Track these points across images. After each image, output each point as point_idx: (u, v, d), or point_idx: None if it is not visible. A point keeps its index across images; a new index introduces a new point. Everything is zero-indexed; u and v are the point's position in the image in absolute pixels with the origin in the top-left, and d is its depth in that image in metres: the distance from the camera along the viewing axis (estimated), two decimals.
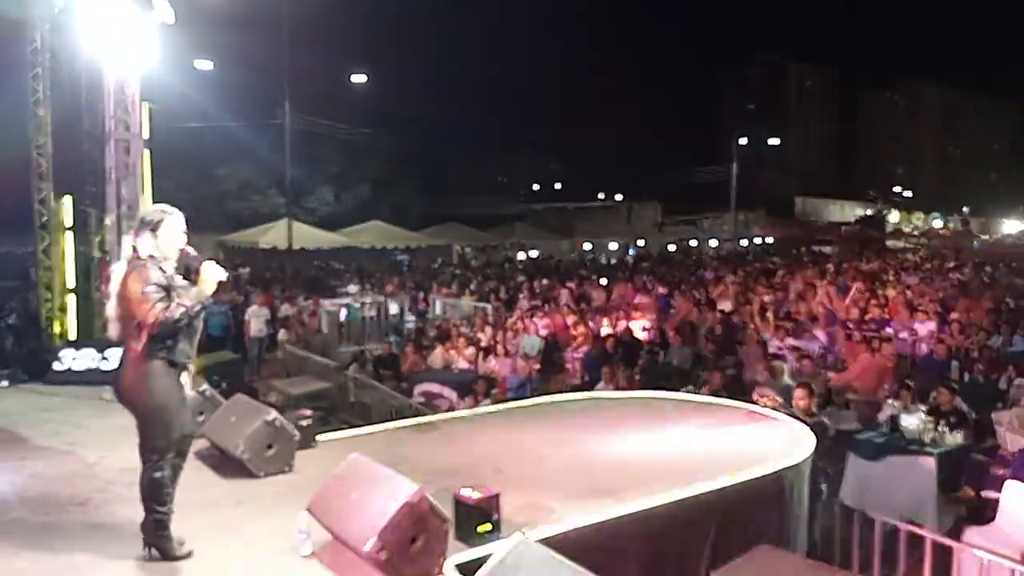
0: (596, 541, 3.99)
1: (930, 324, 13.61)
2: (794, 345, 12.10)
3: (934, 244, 53.73)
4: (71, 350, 8.47)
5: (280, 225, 25.21)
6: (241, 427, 5.02)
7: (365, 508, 3.58)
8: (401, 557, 3.44)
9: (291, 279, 21.18)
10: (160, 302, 3.61)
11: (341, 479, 3.92)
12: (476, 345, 12.71)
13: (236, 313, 14.81)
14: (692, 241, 46.31)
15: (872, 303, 16.10)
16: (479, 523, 3.84)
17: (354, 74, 30.81)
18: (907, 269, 28.29)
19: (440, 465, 5.21)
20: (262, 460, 4.93)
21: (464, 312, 16.93)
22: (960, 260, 33.77)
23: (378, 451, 5.32)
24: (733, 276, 22.28)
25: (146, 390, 3.69)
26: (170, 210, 3.85)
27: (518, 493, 4.53)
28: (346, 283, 20.65)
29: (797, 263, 30.65)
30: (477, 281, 21.74)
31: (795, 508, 5.05)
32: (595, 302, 18.54)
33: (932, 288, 19.93)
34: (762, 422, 6.37)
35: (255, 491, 4.75)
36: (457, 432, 6.10)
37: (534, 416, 6.74)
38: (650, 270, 27.12)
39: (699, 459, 5.27)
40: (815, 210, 69.47)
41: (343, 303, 17.02)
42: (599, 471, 5.03)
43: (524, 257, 34.76)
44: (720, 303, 16.83)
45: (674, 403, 7.17)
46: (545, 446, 5.68)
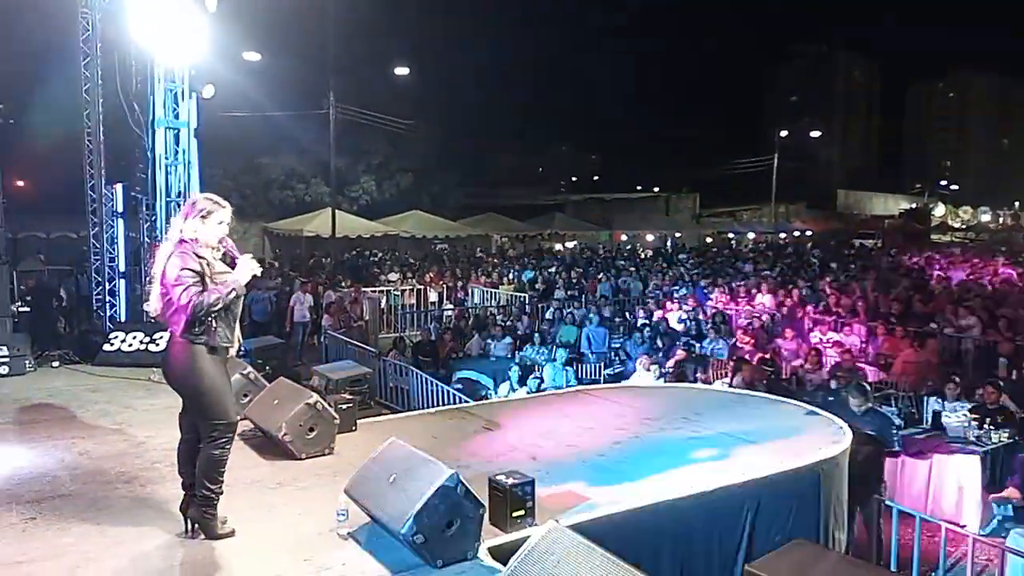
0: (629, 529, 4.00)
1: (975, 320, 13.26)
2: (835, 340, 11.93)
3: (982, 239, 52.29)
4: (121, 332, 8.72)
5: (324, 214, 25.54)
6: (283, 409, 5.12)
7: (402, 491, 3.64)
8: (436, 540, 3.49)
9: (334, 267, 21.45)
10: (194, 286, 3.70)
11: (379, 462, 3.98)
12: (513, 334, 12.77)
13: (280, 299, 15.09)
14: (730, 233, 45.71)
15: (916, 298, 15.77)
16: (513, 508, 3.88)
17: (398, 66, 30.99)
18: (954, 264, 27.59)
19: (476, 451, 5.27)
20: (303, 442, 5.03)
21: (501, 301, 17.01)
22: (1010, 255, 32.80)
23: (415, 436, 5.40)
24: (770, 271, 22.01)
25: (194, 373, 3.79)
26: (223, 203, 3.95)
27: (553, 479, 4.57)
28: (387, 271, 20.88)
29: (838, 257, 30.09)
30: (515, 271, 21.80)
31: (832, 503, 5.00)
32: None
33: (979, 283, 19.43)
34: (798, 415, 6.30)
35: (296, 472, 4.84)
36: (493, 418, 6.14)
37: (570, 404, 6.76)
38: (688, 262, 26.88)
39: (734, 451, 5.24)
40: (858, 203, 68.06)
41: (384, 291, 17.23)
42: (634, 459, 5.03)
43: (562, 248, 34.69)
44: (759, 296, 16.64)
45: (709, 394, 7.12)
46: (580, 434, 5.70)
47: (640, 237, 40.44)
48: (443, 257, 26.89)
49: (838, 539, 5.06)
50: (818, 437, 5.45)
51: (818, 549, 3.93)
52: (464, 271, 21.44)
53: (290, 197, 30.65)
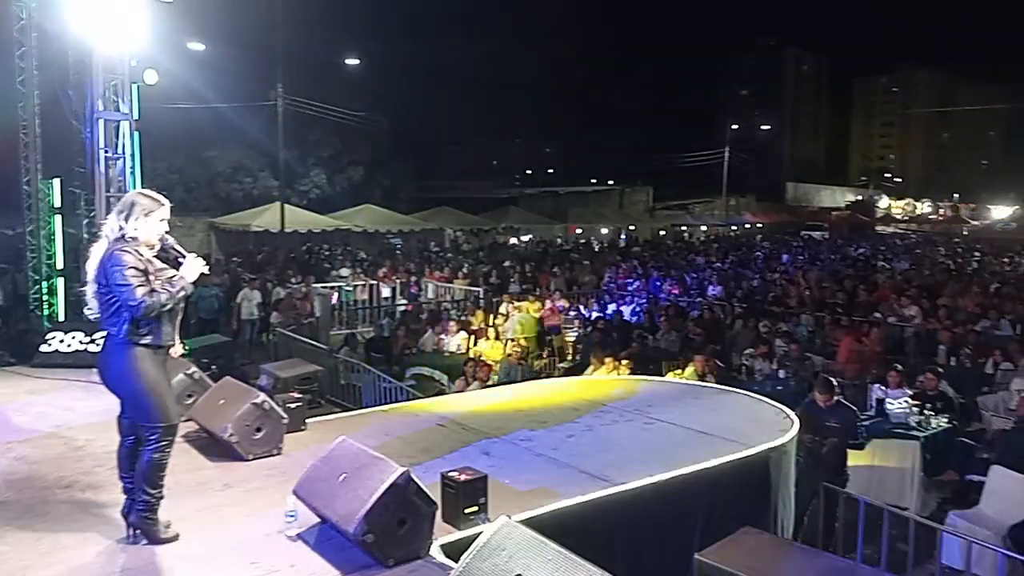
0: (582, 522, 4.02)
1: (916, 309, 13.68)
2: (783, 329, 12.17)
3: (924, 230, 54.03)
4: (59, 333, 8.43)
5: (273, 208, 25.10)
6: (229, 410, 5.01)
7: (352, 490, 3.59)
8: (388, 539, 3.45)
9: (283, 262, 21.11)
10: (141, 286, 3.60)
11: (328, 461, 3.92)
12: (467, 329, 12.73)
13: (227, 296, 14.78)
14: (683, 226, 46.37)
15: (861, 288, 16.19)
16: (466, 505, 3.86)
17: (348, 57, 30.61)
18: (896, 254, 28.42)
19: (429, 447, 5.23)
20: (250, 443, 4.93)
21: (456, 296, 16.95)
22: (949, 246, 33.94)
23: (367, 434, 5.35)
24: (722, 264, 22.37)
25: (133, 374, 3.68)
26: (163, 200, 3.84)
27: (507, 475, 4.56)
28: (338, 266, 20.63)
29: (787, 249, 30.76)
30: (469, 265, 21.73)
31: (781, 490, 5.10)
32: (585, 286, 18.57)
33: (921, 273, 20.05)
34: (746, 404, 6.41)
35: (243, 473, 4.74)
36: (447, 414, 6.11)
37: (523, 399, 6.76)
38: (641, 255, 27.18)
39: (685, 441, 5.30)
40: (806, 195, 69.64)
41: (335, 286, 17.01)
42: (587, 453, 5.05)
43: (516, 241, 34.74)
44: (710, 288, 16.89)
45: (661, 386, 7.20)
46: (534, 428, 5.70)
47: (594, 230, 40.75)
48: (396, 252, 26.69)
49: (786, 526, 5.16)
50: (766, 426, 5.55)
51: (766, 536, 4.01)
52: (418, 266, 21.31)
53: (237, 191, 30.06)
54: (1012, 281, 18.79)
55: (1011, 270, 22.96)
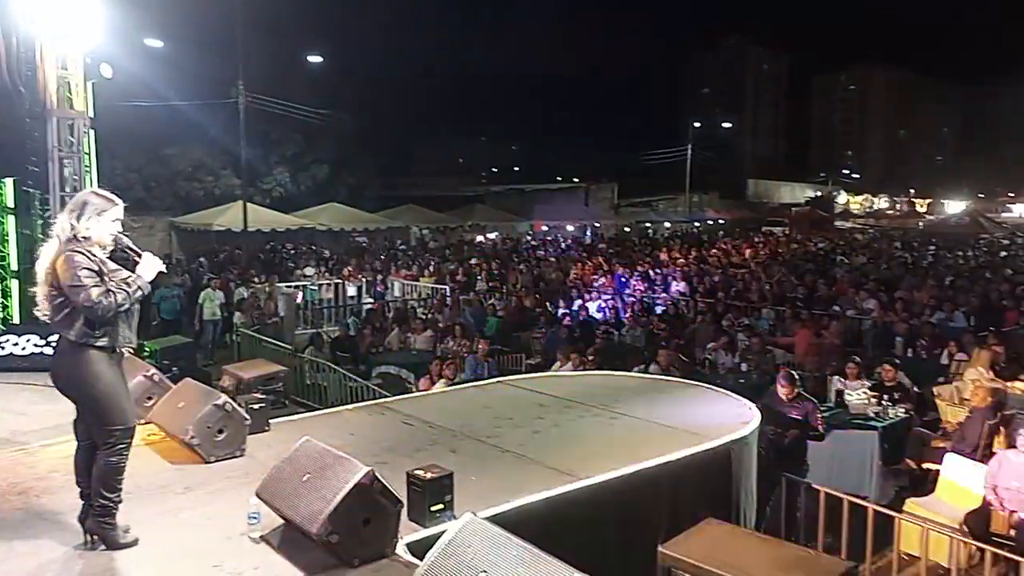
0: (548, 517, 4.04)
1: (874, 302, 13.98)
2: (744, 323, 12.34)
3: (881, 224, 55.20)
4: (13, 336, 8.24)
5: (235, 207, 24.73)
6: (190, 412, 4.94)
7: (316, 491, 3.56)
8: (352, 539, 3.43)
9: (247, 262, 20.84)
10: (95, 287, 3.52)
11: (292, 462, 3.89)
12: (434, 326, 12.71)
13: (189, 296, 14.57)
14: (647, 223, 46.74)
15: (820, 282, 16.48)
16: (432, 503, 3.85)
17: (311, 54, 30.28)
18: (855, 249, 28.96)
19: (395, 446, 5.21)
20: (212, 445, 4.86)
21: (422, 294, 16.90)
22: (906, 240, 34.68)
23: (332, 433, 5.31)
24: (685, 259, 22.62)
25: (89, 377, 3.60)
26: (116, 199, 3.75)
27: (473, 472, 4.56)
28: (303, 266, 20.43)
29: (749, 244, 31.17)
30: (435, 263, 21.69)
31: (743, 481, 5.18)
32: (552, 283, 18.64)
33: (878, 267, 20.47)
34: (709, 397, 6.49)
35: (205, 476, 4.68)
36: (413, 413, 6.08)
37: (491, 395, 6.77)
38: (606, 251, 27.35)
39: (649, 435, 5.36)
40: (767, 192, 70.63)
41: (300, 286, 16.85)
42: (551, 450, 5.07)
43: (483, 239, 34.72)
44: (673, 284, 17.06)
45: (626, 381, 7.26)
46: (501, 425, 5.71)
47: (560, 227, 40.88)
48: (362, 250, 26.50)
49: (748, 516, 5.24)
50: (729, 419, 5.62)
51: (728, 527, 4.07)
52: (384, 264, 21.19)
53: (198, 190, 29.56)
54: (966, 274, 19.28)
55: (964, 264, 23.54)
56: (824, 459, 7.11)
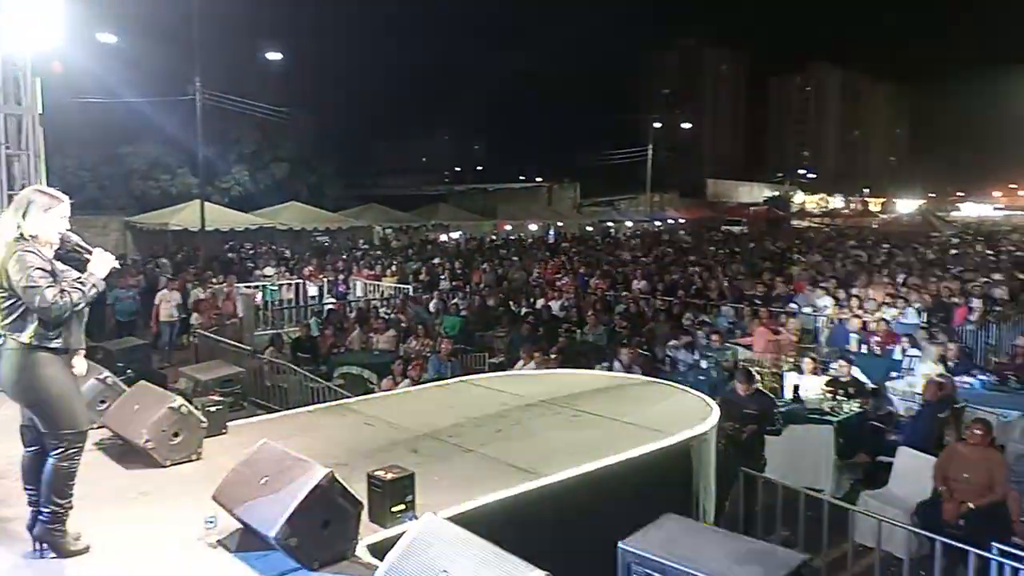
0: (510, 517, 4.04)
1: (830, 299, 14.26)
2: (704, 320, 12.49)
3: (837, 223, 56.37)
4: None
5: (192, 206, 24.29)
6: (145, 415, 4.83)
7: (274, 494, 3.51)
8: (311, 542, 3.39)
9: (204, 262, 20.49)
10: (50, 288, 3.42)
11: (250, 465, 3.83)
12: (396, 326, 12.63)
13: (145, 297, 14.29)
14: (609, 222, 47.09)
15: (778, 279, 16.76)
16: (393, 504, 3.83)
17: (270, 51, 29.86)
18: (811, 247, 29.50)
19: (356, 447, 5.16)
20: (167, 448, 4.77)
21: (385, 294, 16.80)
22: (860, 238, 35.42)
23: (292, 435, 5.24)
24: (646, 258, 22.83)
25: (40, 381, 3.50)
26: (61, 196, 3.66)
27: (435, 472, 4.54)
28: (262, 266, 20.15)
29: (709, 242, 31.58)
30: (398, 263, 21.57)
31: (702, 476, 5.24)
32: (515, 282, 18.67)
33: (834, 265, 20.88)
34: (669, 394, 6.56)
35: (160, 480, 4.59)
36: (375, 414, 6.04)
37: (452, 396, 6.75)
38: (570, 251, 27.48)
39: (610, 433, 5.40)
40: (726, 191, 71.60)
41: (260, 286, 16.62)
42: (514, 449, 5.08)
43: (446, 238, 34.63)
44: (635, 283, 17.20)
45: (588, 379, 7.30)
46: (463, 424, 5.70)
47: (523, 227, 40.98)
48: (323, 250, 26.23)
49: (707, 510, 5.31)
50: (688, 415, 5.69)
51: (687, 521, 4.10)
52: (345, 264, 21.01)
53: (154, 189, 28.99)
54: (917, 271, 19.76)
55: (916, 261, 24.12)
56: (781, 453, 7.24)
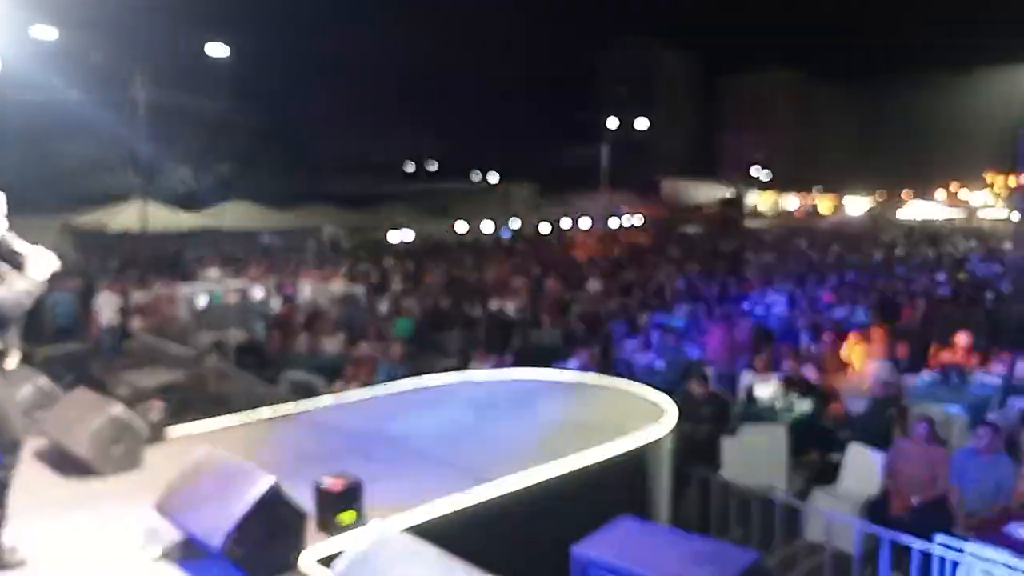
0: (459, 524, 3.97)
1: (782, 298, 14.50)
2: (660, 322, 12.57)
3: (789, 224, 57.65)
4: None
5: (133, 206, 23.63)
6: (83, 423, 4.65)
7: (217, 503, 3.39)
8: (257, 553, 3.28)
9: (145, 264, 19.90)
10: None
11: (192, 474, 3.70)
12: (346, 329, 12.42)
13: (84, 301, 13.82)
14: (565, 222, 47.24)
15: (731, 279, 16.99)
16: (341, 512, 3.73)
17: (215, 46, 29.14)
18: (764, 248, 30.05)
19: (304, 454, 5.03)
20: (107, 457, 4.59)
21: (335, 296, 16.52)
22: (811, 238, 36.21)
23: (237, 443, 5.09)
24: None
25: None
26: None
27: (386, 480, 4.43)
28: (206, 267, 19.66)
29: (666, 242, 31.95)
30: (348, 264, 21.27)
31: (657, 478, 5.23)
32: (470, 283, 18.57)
33: (785, 265, 21.30)
34: (625, 395, 6.55)
35: (100, 490, 4.42)
36: (324, 419, 5.90)
37: (405, 400, 6.63)
38: (524, 251, 27.50)
39: (565, 435, 5.34)
40: (680, 191, 72.53)
41: (203, 288, 16.18)
42: (467, 453, 5.00)
43: (399, 239, 34.31)
44: (590, 283, 17.26)
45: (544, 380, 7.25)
46: (414, 430, 5.59)
47: (478, 227, 40.85)
48: (270, 251, 25.76)
49: (662, 512, 5.30)
50: (644, 416, 5.67)
51: (641, 523, 4.09)
52: (293, 265, 20.62)
53: (94, 188, 28.12)
54: (866, 271, 20.27)
55: (864, 261, 24.74)
56: (735, 453, 7.29)
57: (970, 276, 19.86)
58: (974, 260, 24.91)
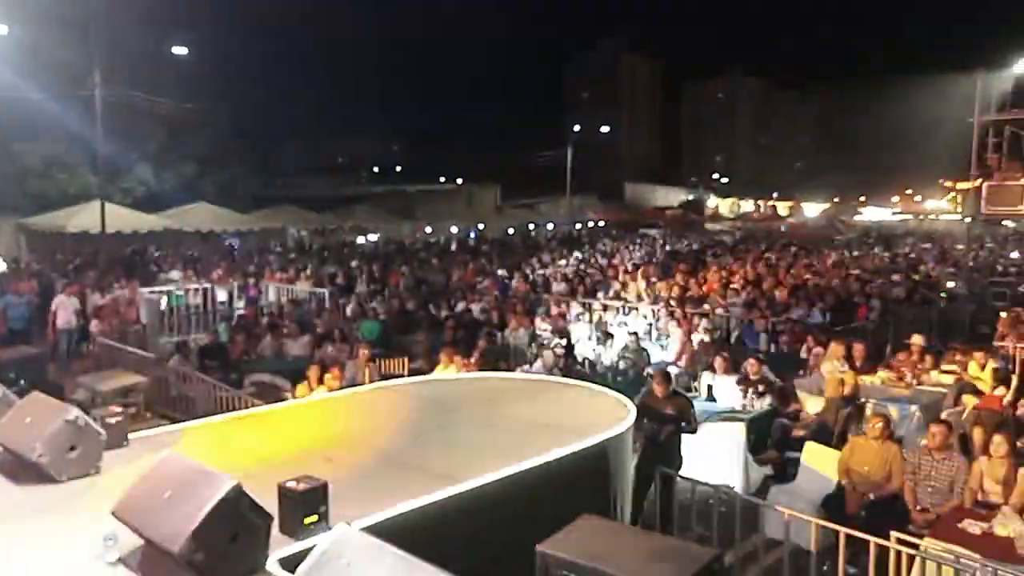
0: (423, 524, 3.97)
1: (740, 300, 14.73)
2: (623, 322, 12.70)
3: (747, 227, 58.50)
4: None
5: (92, 207, 23.13)
6: (38, 428, 4.55)
7: (178, 507, 3.35)
8: (218, 557, 3.25)
9: (105, 266, 19.51)
10: None
11: (152, 479, 3.64)
12: (312, 331, 12.34)
13: (40, 304, 13.52)
14: (531, 224, 47.38)
15: (692, 282, 17.20)
16: (306, 515, 3.71)
17: (176, 44, 28.70)
18: (724, 250, 30.46)
19: (268, 457, 4.99)
20: (64, 463, 4.50)
21: (299, 298, 16.38)
22: (769, 242, 36.78)
23: (199, 447, 5.04)
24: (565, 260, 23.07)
25: None
26: None
27: (349, 482, 4.42)
28: (168, 269, 19.35)
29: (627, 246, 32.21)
30: (313, 266, 21.10)
31: (620, 476, 5.30)
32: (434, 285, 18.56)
33: (744, 268, 21.61)
34: (588, 396, 6.62)
35: (56, 496, 4.33)
36: (288, 422, 5.87)
37: (369, 402, 6.62)
38: (490, 253, 27.53)
39: (529, 435, 5.39)
40: (643, 195, 73.12)
41: (164, 290, 15.93)
42: (432, 454, 5.02)
43: (364, 241, 34.09)
44: (555, 286, 17.35)
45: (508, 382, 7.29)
46: (379, 432, 5.59)
47: (444, 228, 40.79)
48: (233, 252, 25.42)
49: (625, 510, 5.37)
50: (606, 416, 5.74)
51: (604, 522, 4.13)
52: (257, 267, 20.39)
53: (51, 188, 27.46)
54: (821, 273, 20.67)
55: (820, 263, 25.22)
56: (695, 451, 7.40)
57: (924, 277, 20.38)
58: (928, 261, 25.57)
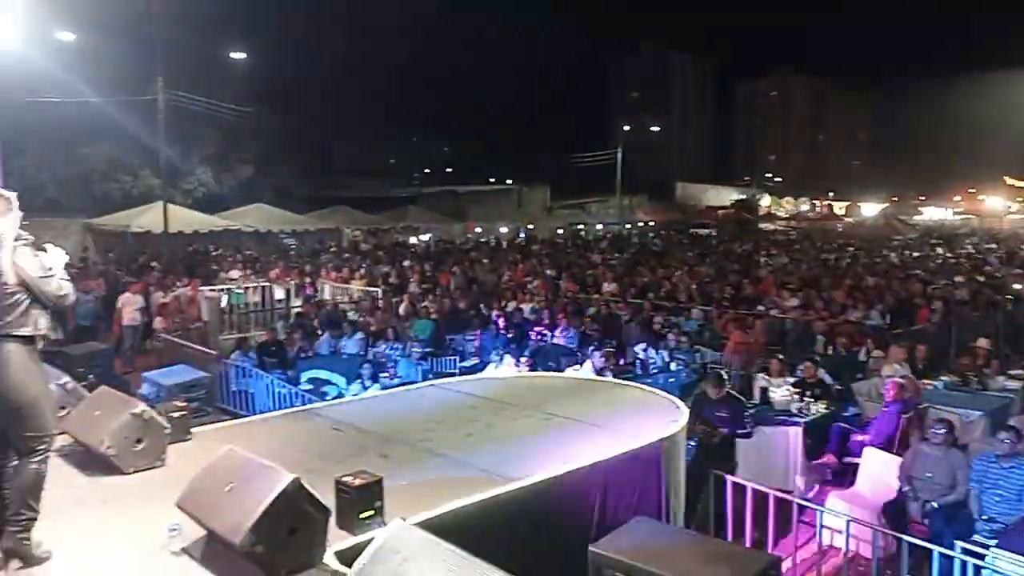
0: (479, 521, 4.00)
1: (796, 301, 14.42)
2: (674, 323, 12.56)
3: (802, 227, 57.27)
4: None
5: (154, 207, 23.88)
6: (106, 421, 4.72)
7: (239, 500, 3.44)
8: (278, 549, 3.32)
9: (168, 264, 20.13)
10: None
11: (214, 472, 3.75)
12: (366, 330, 12.52)
13: (106, 301, 14.01)
14: (580, 224, 47.22)
15: (745, 282, 16.92)
16: (361, 510, 3.77)
17: (235, 50, 29.48)
18: (780, 250, 29.86)
19: (324, 452, 5.09)
20: (130, 455, 4.66)
21: (354, 297, 16.65)
22: (826, 241, 35.95)
23: (259, 441, 5.15)
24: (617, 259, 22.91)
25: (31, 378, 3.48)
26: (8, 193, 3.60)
27: (404, 478, 4.48)
28: (228, 268, 19.86)
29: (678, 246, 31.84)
30: (367, 265, 21.40)
31: (672, 479, 5.24)
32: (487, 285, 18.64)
33: (800, 268, 21.17)
34: (640, 397, 6.57)
35: (122, 488, 4.48)
36: (344, 418, 5.96)
37: (423, 400, 6.69)
38: (540, 253, 27.51)
39: (580, 436, 5.38)
40: (694, 195, 72.13)
41: (225, 289, 16.36)
42: (485, 451, 5.04)
43: (416, 241, 34.45)
44: (605, 285, 17.26)
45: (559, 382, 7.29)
46: (432, 428, 5.64)
47: (493, 229, 40.93)
48: (290, 252, 25.94)
49: (677, 513, 5.32)
50: (658, 417, 5.70)
51: (658, 524, 4.11)
52: (313, 266, 20.78)
53: (116, 190, 28.42)
54: (880, 274, 20.10)
55: (879, 263, 24.55)
56: (750, 455, 7.28)
57: (989, 279, 19.66)
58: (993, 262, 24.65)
